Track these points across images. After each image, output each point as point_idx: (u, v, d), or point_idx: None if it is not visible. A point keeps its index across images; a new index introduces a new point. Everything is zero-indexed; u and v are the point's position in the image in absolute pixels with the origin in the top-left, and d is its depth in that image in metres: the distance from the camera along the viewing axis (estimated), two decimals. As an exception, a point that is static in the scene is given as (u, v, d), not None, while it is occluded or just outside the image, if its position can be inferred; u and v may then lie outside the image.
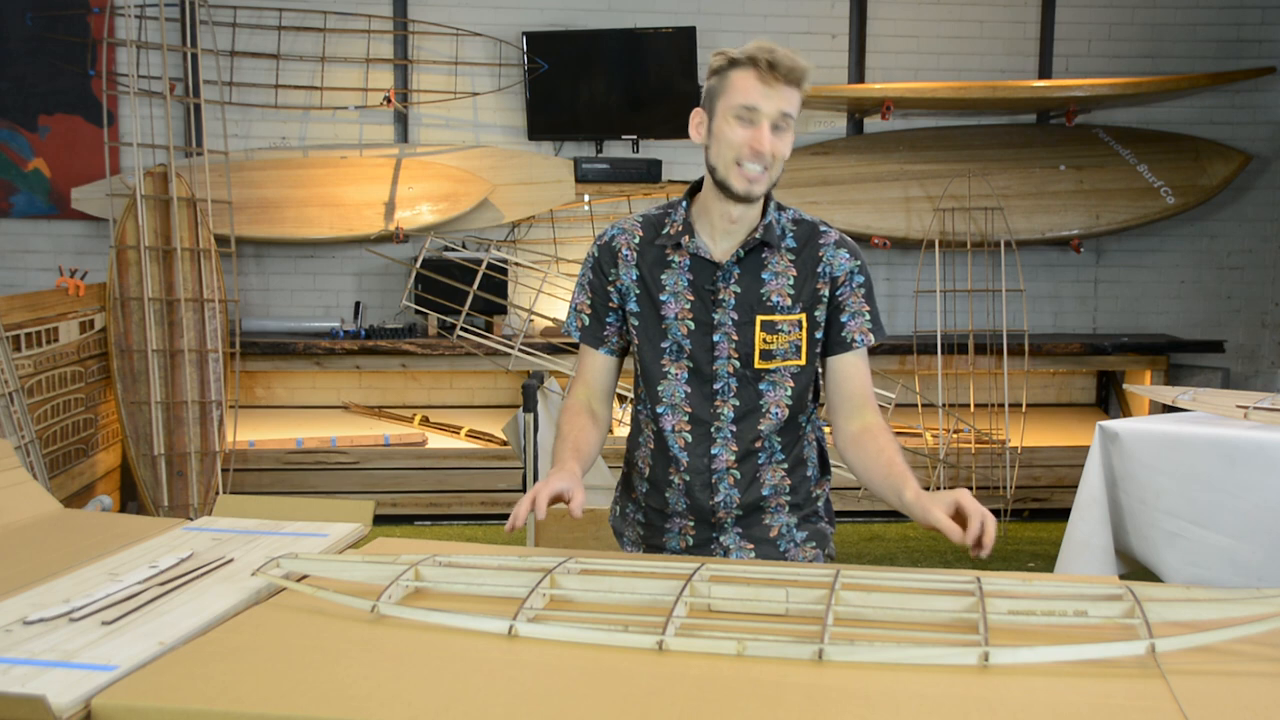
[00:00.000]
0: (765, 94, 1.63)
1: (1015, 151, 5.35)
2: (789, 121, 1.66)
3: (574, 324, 1.86)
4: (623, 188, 5.25)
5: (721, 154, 1.67)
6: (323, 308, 5.34)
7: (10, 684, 1.05)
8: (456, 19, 5.18)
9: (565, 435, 1.76)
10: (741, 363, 1.74)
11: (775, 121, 1.64)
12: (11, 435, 3.58)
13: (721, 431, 1.77)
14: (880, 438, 1.71)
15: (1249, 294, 5.69)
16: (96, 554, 1.53)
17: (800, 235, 1.77)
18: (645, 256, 1.78)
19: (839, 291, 1.74)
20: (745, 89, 1.64)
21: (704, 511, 1.80)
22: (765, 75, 1.62)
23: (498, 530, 4.69)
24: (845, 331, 1.74)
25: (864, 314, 1.75)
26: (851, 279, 1.75)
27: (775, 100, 1.63)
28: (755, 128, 1.64)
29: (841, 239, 1.78)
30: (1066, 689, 1.09)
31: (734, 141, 1.65)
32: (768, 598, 1.32)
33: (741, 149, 1.65)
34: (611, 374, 1.86)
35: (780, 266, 1.74)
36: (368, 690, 1.07)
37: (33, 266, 5.15)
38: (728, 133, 1.66)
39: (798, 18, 5.42)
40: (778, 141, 1.65)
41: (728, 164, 1.67)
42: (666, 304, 1.76)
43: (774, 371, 1.75)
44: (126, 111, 4.98)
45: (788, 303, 1.73)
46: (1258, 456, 2.52)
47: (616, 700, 1.06)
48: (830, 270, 1.74)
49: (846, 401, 1.76)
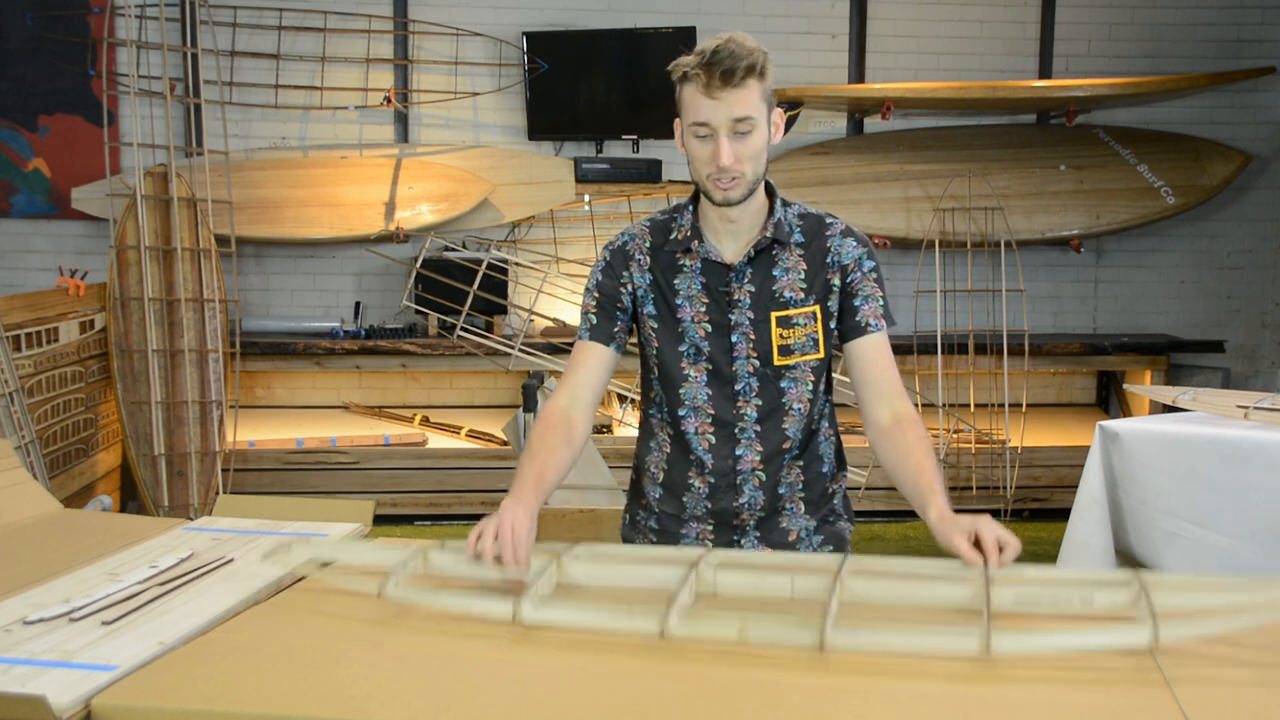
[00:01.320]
0: (711, 106, 1.58)
1: (1015, 151, 5.35)
2: (750, 122, 1.59)
3: (585, 328, 1.80)
4: (623, 188, 5.25)
5: (694, 168, 1.66)
6: (323, 308, 5.34)
7: (10, 684, 1.05)
8: (456, 19, 5.18)
9: (534, 455, 1.66)
10: (761, 361, 1.73)
11: (731, 129, 1.59)
12: (11, 435, 3.58)
13: (745, 432, 1.75)
14: (910, 434, 1.66)
15: (1249, 294, 5.69)
16: (96, 554, 1.53)
17: (807, 229, 1.76)
18: (657, 261, 1.77)
19: (850, 279, 1.73)
20: (693, 105, 1.60)
21: (726, 514, 1.78)
22: (706, 86, 1.57)
23: (498, 530, 4.69)
24: (859, 316, 1.73)
25: (876, 298, 1.73)
26: (861, 264, 1.73)
27: (723, 109, 1.58)
28: (712, 142, 1.60)
29: (848, 228, 1.77)
30: (1068, 694, 1.08)
31: (697, 157, 1.63)
32: (773, 584, 1.32)
33: (706, 165, 1.62)
34: (607, 372, 1.80)
35: (790, 262, 1.73)
36: (368, 690, 1.07)
37: (33, 266, 5.15)
38: (692, 149, 1.64)
39: (798, 18, 5.42)
40: (741, 148, 1.60)
41: (700, 178, 1.66)
42: (682, 307, 1.75)
43: (794, 368, 1.74)
44: (126, 111, 4.98)
45: (800, 296, 1.73)
46: (1258, 456, 2.52)
47: (617, 700, 1.06)
48: (839, 259, 1.73)
49: (871, 388, 1.73)
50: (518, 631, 1.24)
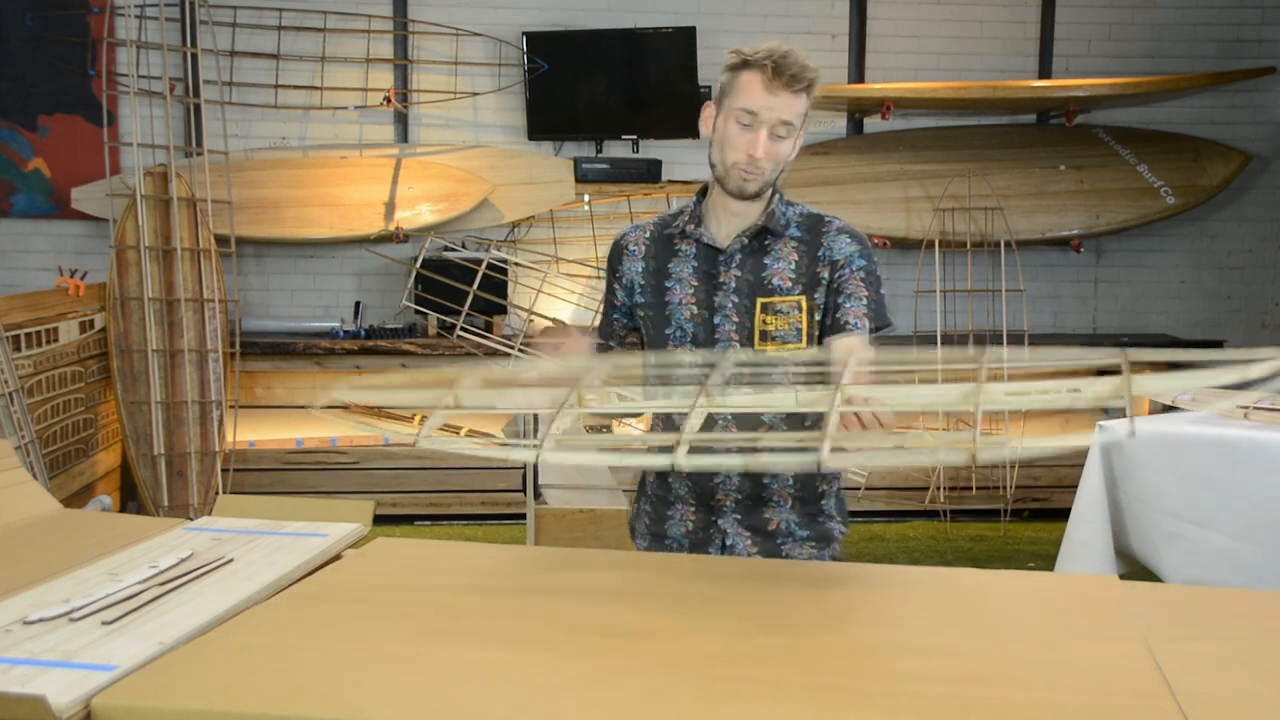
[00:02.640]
0: (767, 101, 1.65)
1: (1015, 151, 5.35)
2: (790, 129, 1.68)
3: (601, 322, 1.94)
4: (623, 188, 5.25)
5: (722, 152, 1.72)
6: (323, 308, 5.33)
7: (10, 684, 1.05)
8: (456, 19, 5.18)
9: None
10: (742, 344, 1.76)
11: (774, 128, 1.67)
12: (11, 435, 3.58)
13: (723, 413, 1.76)
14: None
15: (1249, 294, 5.69)
16: (96, 554, 1.53)
17: (806, 225, 1.80)
18: (655, 248, 1.84)
19: (838, 274, 1.76)
20: (749, 93, 1.66)
21: (705, 495, 1.81)
22: (770, 81, 1.65)
23: (498, 530, 4.69)
24: (840, 313, 1.75)
25: (861, 298, 1.75)
26: (851, 262, 1.76)
27: (777, 108, 1.65)
28: (754, 133, 1.67)
29: (845, 226, 1.81)
30: (1067, 696, 1.08)
31: (733, 143, 1.69)
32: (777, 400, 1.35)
33: (738, 152, 1.69)
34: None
35: (784, 252, 1.77)
36: (368, 690, 1.07)
37: (33, 266, 5.15)
38: (729, 133, 1.70)
39: (798, 18, 5.42)
40: (775, 148, 1.68)
41: (725, 163, 1.71)
42: (672, 290, 1.80)
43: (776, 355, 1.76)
44: (126, 111, 4.98)
45: (788, 285, 1.76)
46: (1258, 456, 2.52)
47: (617, 700, 1.06)
48: (830, 254, 1.77)
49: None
50: (518, 631, 1.24)
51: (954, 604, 1.36)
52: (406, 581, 1.44)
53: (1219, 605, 1.41)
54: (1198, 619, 1.32)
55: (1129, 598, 1.37)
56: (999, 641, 1.22)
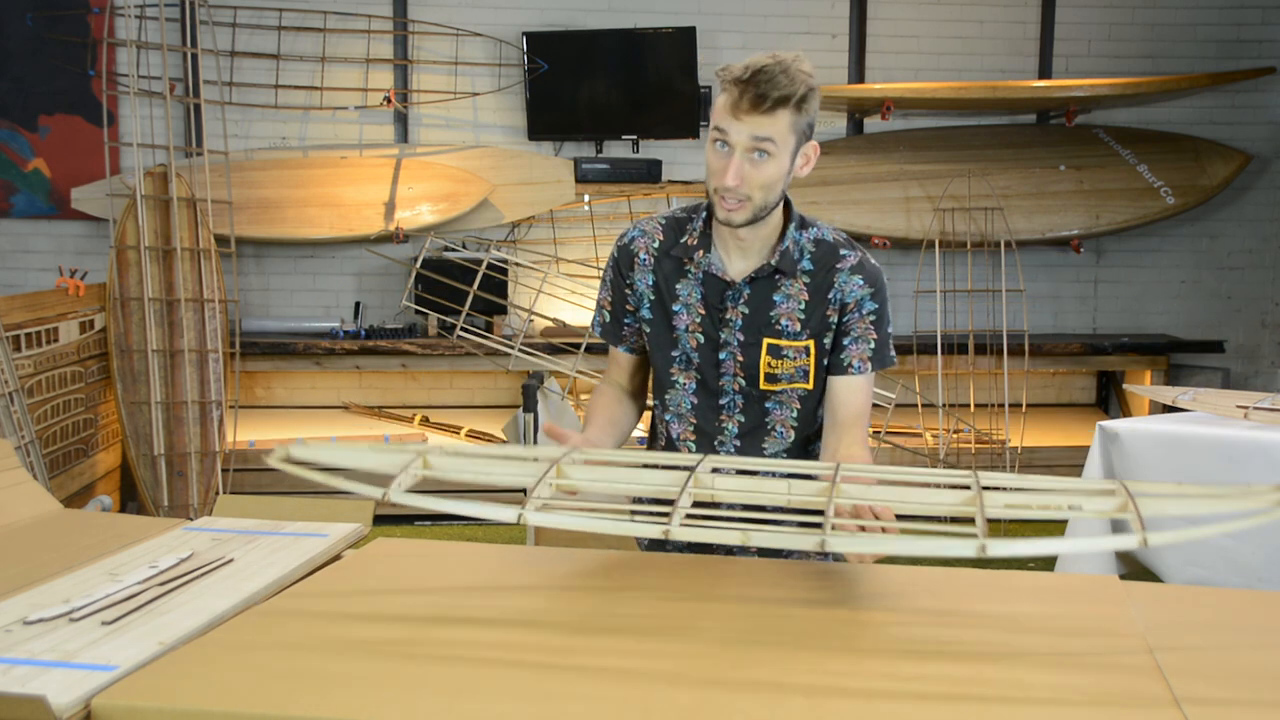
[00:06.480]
0: (733, 123, 1.54)
1: (1015, 151, 5.36)
2: (770, 146, 1.54)
3: (597, 320, 1.83)
4: (623, 188, 5.25)
5: (708, 178, 1.62)
6: (323, 308, 5.34)
7: (10, 684, 1.05)
8: (456, 19, 5.18)
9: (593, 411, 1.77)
10: (747, 381, 1.72)
11: (748, 148, 1.54)
12: (11, 435, 3.58)
13: (725, 445, 1.75)
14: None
15: (1249, 294, 5.69)
16: (96, 554, 1.53)
17: (818, 257, 1.70)
18: (663, 264, 1.74)
19: (846, 318, 1.69)
20: (719, 115, 1.57)
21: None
22: (735, 104, 1.53)
23: (498, 530, 4.69)
24: (844, 355, 1.70)
25: (868, 341, 1.69)
26: (861, 306, 1.68)
27: (745, 127, 1.53)
28: (727, 158, 1.56)
29: (860, 264, 1.69)
30: (1066, 692, 1.09)
31: (710, 168, 1.60)
32: (770, 489, 1.33)
33: (715, 178, 1.58)
34: (639, 369, 1.84)
35: (793, 290, 1.68)
36: (367, 690, 1.07)
37: (33, 266, 5.15)
38: (708, 157, 1.60)
39: (798, 18, 5.42)
40: (755, 171, 1.55)
41: (709, 189, 1.62)
42: (679, 314, 1.73)
43: (780, 392, 1.73)
44: (126, 111, 4.98)
45: (796, 328, 1.69)
46: (1258, 456, 2.52)
47: (617, 702, 1.06)
48: (841, 296, 1.68)
49: (836, 426, 1.71)
50: (517, 632, 1.24)
51: (954, 604, 1.36)
52: (406, 582, 1.44)
53: (1219, 605, 1.41)
54: (1198, 619, 1.32)
55: (1129, 598, 1.37)
56: (999, 641, 1.22)
